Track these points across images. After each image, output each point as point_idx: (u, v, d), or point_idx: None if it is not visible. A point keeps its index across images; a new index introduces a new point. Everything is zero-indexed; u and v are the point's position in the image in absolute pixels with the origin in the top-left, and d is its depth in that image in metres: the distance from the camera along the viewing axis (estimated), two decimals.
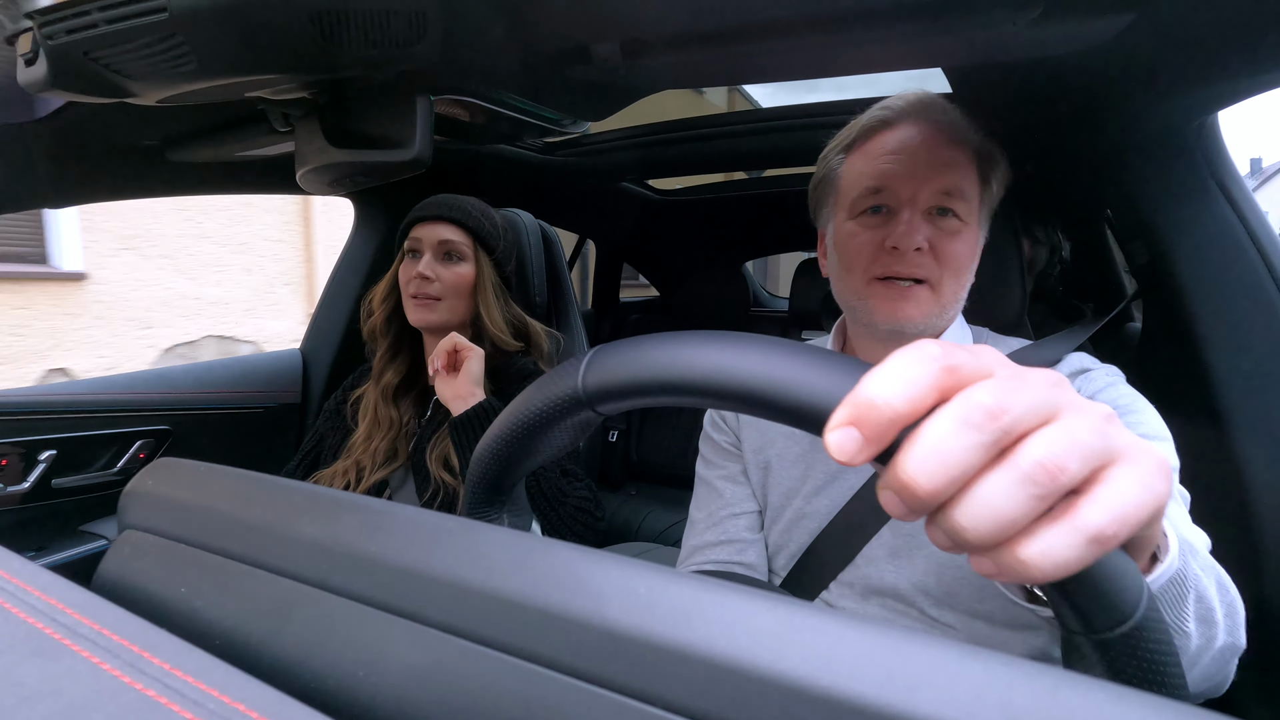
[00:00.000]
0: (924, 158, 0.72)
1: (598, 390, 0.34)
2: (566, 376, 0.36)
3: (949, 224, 0.72)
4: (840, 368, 0.28)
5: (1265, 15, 0.59)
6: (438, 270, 1.11)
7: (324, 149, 0.71)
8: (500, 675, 0.22)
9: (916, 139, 0.73)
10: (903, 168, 0.72)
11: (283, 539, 0.29)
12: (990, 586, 0.68)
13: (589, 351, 0.36)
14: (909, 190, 0.72)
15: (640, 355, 0.33)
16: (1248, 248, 0.89)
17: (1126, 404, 0.68)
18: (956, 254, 0.72)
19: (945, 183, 0.72)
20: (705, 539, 0.85)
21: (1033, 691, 0.17)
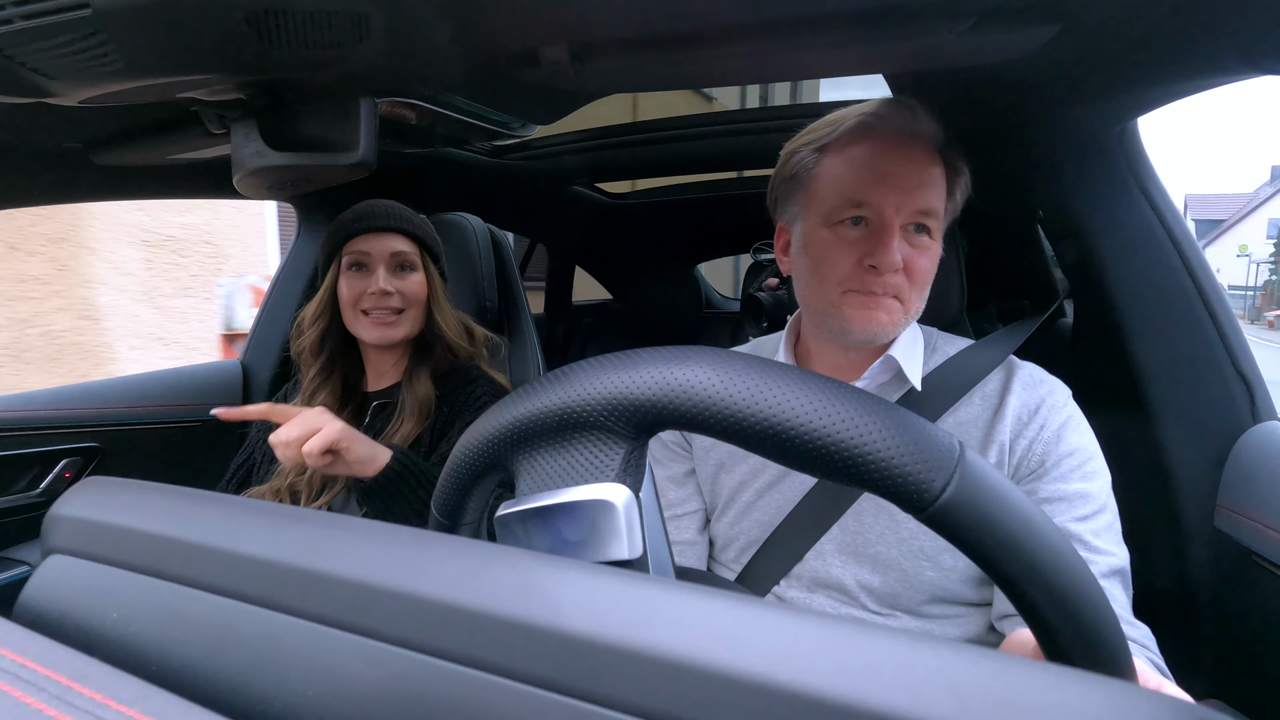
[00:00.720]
0: (908, 174, 0.71)
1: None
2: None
3: (922, 241, 0.73)
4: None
5: (1175, 32, 0.63)
6: (395, 283, 1.07)
7: (262, 152, 0.68)
8: (457, 687, 0.22)
9: (901, 153, 0.72)
10: (887, 184, 0.71)
11: (224, 557, 0.28)
12: (931, 588, 0.71)
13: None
14: (893, 208, 0.71)
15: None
16: (1166, 246, 0.94)
17: (1081, 447, 0.71)
18: (925, 270, 0.73)
19: (924, 202, 0.72)
20: None
21: (978, 675, 0.18)
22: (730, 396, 0.30)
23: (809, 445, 0.29)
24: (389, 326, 1.07)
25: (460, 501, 0.40)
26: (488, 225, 1.39)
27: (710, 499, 0.87)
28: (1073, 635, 0.29)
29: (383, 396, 1.12)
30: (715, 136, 1.59)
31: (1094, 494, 0.69)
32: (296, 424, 0.86)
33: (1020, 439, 0.72)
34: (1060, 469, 0.69)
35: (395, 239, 1.09)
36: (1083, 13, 0.63)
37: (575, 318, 2.51)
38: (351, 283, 1.07)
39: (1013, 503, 0.29)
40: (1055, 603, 0.29)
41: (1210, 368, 0.89)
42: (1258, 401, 0.87)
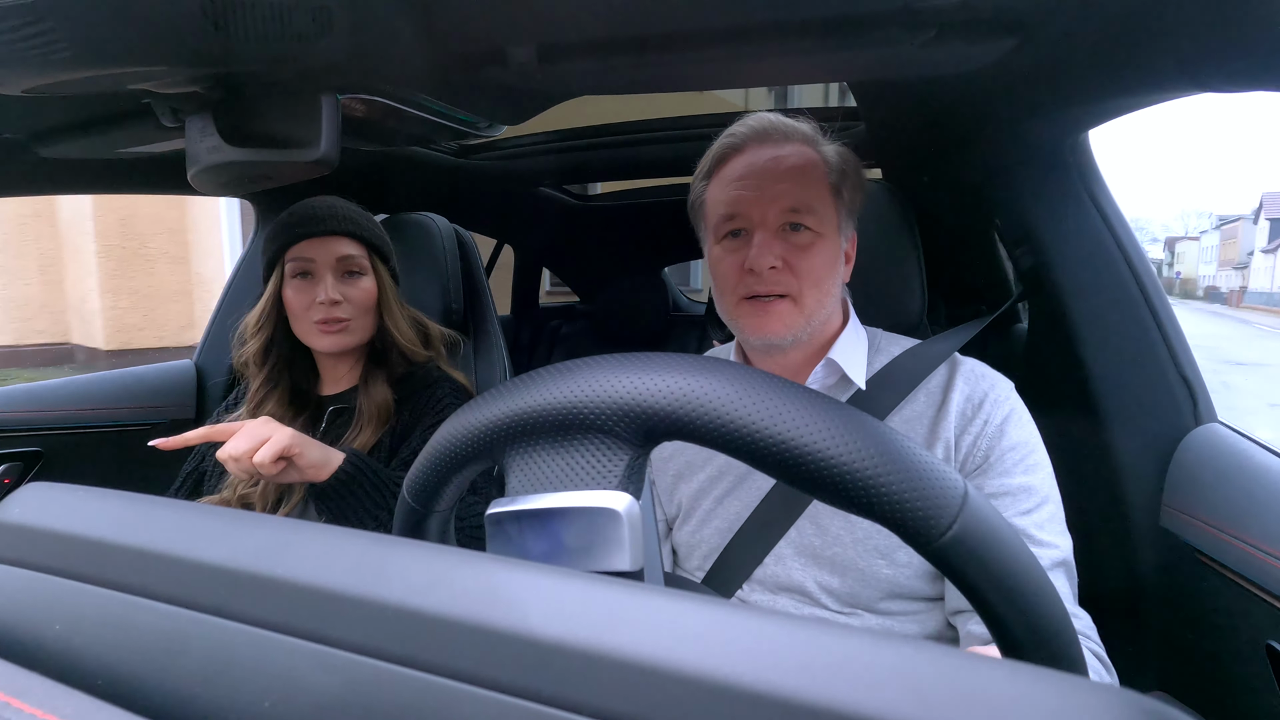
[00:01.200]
0: (769, 179, 0.76)
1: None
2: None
3: (801, 238, 0.76)
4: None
5: (1124, 48, 0.66)
6: (343, 290, 1.02)
7: (218, 147, 0.66)
8: (419, 695, 0.21)
9: (760, 162, 0.77)
10: (750, 191, 0.76)
11: (174, 564, 0.27)
12: (888, 585, 0.73)
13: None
14: (759, 213, 0.76)
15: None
16: (1115, 255, 0.98)
17: (1023, 441, 0.74)
18: (811, 267, 0.76)
19: (791, 200, 0.75)
20: None
21: (938, 672, 0.18)
22: (747, 414, 0.29)
23: (822, 472, 0.29)
24: (340, 334, 1.03)
25: (437, 488, 0.38)
26: (453, 225, 1.38)
27: (670, 509, 0.87)
28: (1034, 644, 0.31)
29: (339, 401, 1.08)
30: (685, 140, 1.60)
31: (1036, 486, 0.71)
32: (243, 437, 0.82)
33: (965, 435, 0.74)
34: (1004, 463, 0.72)
35: (341, 243, 1.03)
36: (1038, 27, 0.65)
37: (542, 319, 2.50)
38: (298, 291, 1.02)
39: (1011, 546, 0.30)
40: (1030, 632, 0.30)
41: (1155, 372, 0.93)
42: (1199, 404, 0.91)
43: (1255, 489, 0.74)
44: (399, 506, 0.41)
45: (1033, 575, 0.30)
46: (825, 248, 0.77)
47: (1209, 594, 0.77)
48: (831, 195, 0.78)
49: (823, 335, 0.81)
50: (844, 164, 0.79)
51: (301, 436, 0.86)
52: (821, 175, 0.78)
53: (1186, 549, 0.81)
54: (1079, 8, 0.62)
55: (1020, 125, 0.95)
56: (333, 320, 1.02)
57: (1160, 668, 0.90)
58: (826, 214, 0.77)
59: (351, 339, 1.05)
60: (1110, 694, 0.17)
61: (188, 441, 0.84)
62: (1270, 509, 0.70)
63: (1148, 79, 0.68)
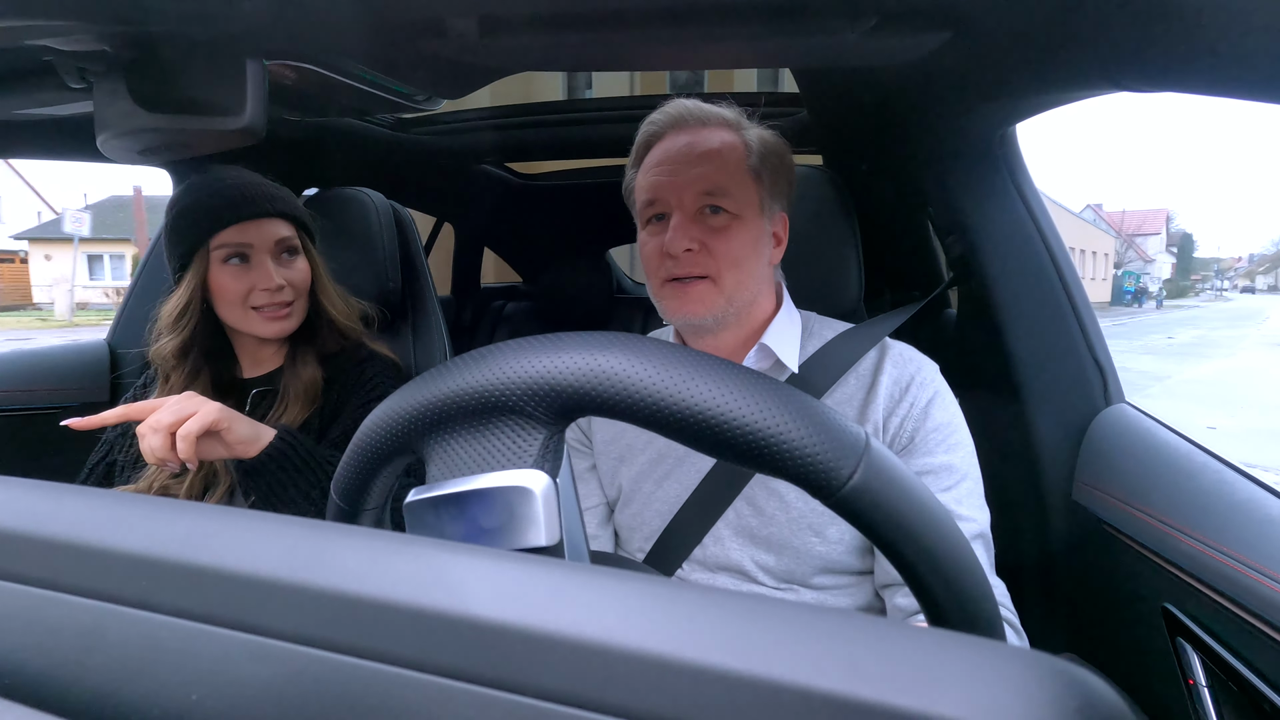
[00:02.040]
0: (685, 164, 0.78)
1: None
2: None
3: (718, 221, 0.77)
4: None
5: (1049, 47, 0.69)
6: (283, 273, 0.97)
7: (131, 112, 0.62)
8: (357, 682, 0.21)
9: (677, 147, 0.79)
10: (666, 176, 0.78)
11: (90, 556, 0.25)
12: (821, 561, 0.76)
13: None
14: (675, 197, 0.78)
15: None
16: (1038, 244, 1.03)
17: (946, 421, 0.77)
18: (729, 249, 0.77)
19: (706, 184, 0.77)
20: None
21: (868, 642, 0.19)
22: (653, 384, 0.30)
23: (726, 433, 0.29)
24: (286, 320, 0.98)
25: (363, 485, 0.38)
26: (390, 202, 1.33)
27: (612, 492, 0.88)
28: (956, 607, 0.32)
29: (263, 383, 1.03)
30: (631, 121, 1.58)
31: (957, 464, 0.75)
32: (167, 410, 0.77)
33: (893, 416, 0.77)
34: (928, 443, 0.75)
35: (277, 224, 0.98)
36: (970, 23, 0.67)
37: (484, 300, 2.45)
38: (234, 278, 0.95)
39: (914, 491, 0.31)
40: (943, 581, 0.31)
41: (1071, 355, 0.99)
42: (1109, 385, 0.97)
43: (1158, 465, 0.79)
44: (329, 507, 0.40)
45: (938, 520, 0.31)
46: (743, 229, 0.78)
47: (1114, 562, 0.83)
48: (751, 178, 0.79)
49: (755, 319, 0.83)
50: (764, 147, 0.81)
51: (230, 411, 0.82)
52: (739, 158, 0.79)
53: (1095, 521, 0.87)
54: (1008, 6, 0.65)
55: (952, 117, 0.99)
56: (278, 305, 0.97)
57: (1069, 631, 0.96)
58: (745, 196, 0.78)
59: (294, 323, 1.00)
60: (1026, 657, 0.18)
61: (105, 421, 0.78)
62: (1171, 484, 0.76)
63: (1070, 76, 0.72)
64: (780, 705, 0.18)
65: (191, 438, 0.76)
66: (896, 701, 0.17)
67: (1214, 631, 0.66)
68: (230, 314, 0.98)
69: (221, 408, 0.80)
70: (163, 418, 0.77)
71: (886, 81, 0.93)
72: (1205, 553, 0.66)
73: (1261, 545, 0.61)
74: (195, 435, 0.76)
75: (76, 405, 1.34)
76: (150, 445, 0.76)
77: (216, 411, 0.79)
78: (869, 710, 0.18)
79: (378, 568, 0.23)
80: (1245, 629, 0.61)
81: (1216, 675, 0.65)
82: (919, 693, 0.18)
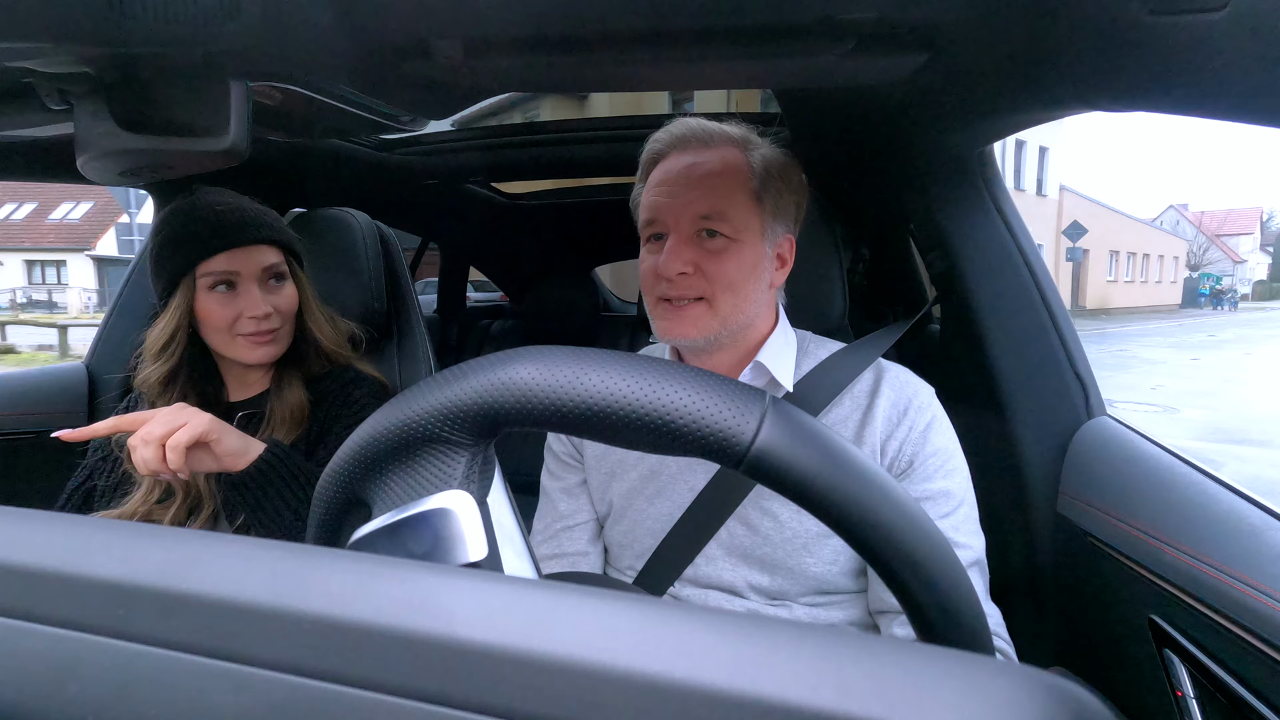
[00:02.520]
0: (684, 186, 0.77)
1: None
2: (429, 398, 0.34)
3: (715, 244, 0.77)
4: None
5: (1024, 68, 0.70)
6: (270, 300, 0.96)
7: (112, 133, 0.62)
8: (342, 710, 0.21)
9: (677, 168, 0.79)
10: (666, 197, 0.78)
11: (63, 584, 0.25)
12: (815, 581, 0.75)
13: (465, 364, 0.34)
14: (673, 218, 0.77)
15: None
16: (1018, 260, 1.05)
17: (944, 447, 0.77)
18: (724, 272, 0.76)
19: (704, 207, 0.76)
20: (540, 552, 0.87)
21: (858, 659, 0.19)
22: (548, 387, 0.31)
23: (627, 420, 0.30)
24: (271, 345, 0.97)
25: (333, 542, 0.39)
26: (375, 223, 1.33)
27: (602, 508, 0.87)
28: (899, 555, 0.31)
29: (249, 406, 1.02)
30: (614, 141, 1.60)
31: (954, 490, 0.75)
32: (158, 422, 0.77)
33: (891, 440, 0.77)
34: (926, 469, 0.75)
35: (264, 251, 0.97)
36: (947, 45, 0.69)
37: (470, 319, 2.45)
38: (221, 305, 0.94)
39: (826, 440, 0.31)
40: (877, 528, 0.30)
41: (1053, 369, 1.00)
42: (1091, 399, 0.98)
43: (1141, 477, 0.80)
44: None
45: (859, 466, 0.31)
46: (741, 253, 0.77)
47: (1100, 575, 0.83)
48: (753, 201, 0.78)
49: (751, 338, 0.82)
50: (769, 169, 0.80)
51: (220, 422, 0.81)
52: (741, 181, 0.78)
53: (1080, 534, 0.87)
54: (984, 29, 0.66)
55: (931, 137, 1.00)
56: (264, 333, 0.96)
57: (1057, 644, 0.96)
58: (744, 220, 0.77)
59: (280, 348, 0.99)
60: (1016, 672, 0.18)
61: (96, 433, 0.79)
62: (1154, 496, 0.77)
63: (1044, 96, 0.73)
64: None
65: (181, 448, 0.76)
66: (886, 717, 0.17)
67: (1200, 642, 0.66)
68: (216, 340, 0.97)
69: (212, 419, 0.80)
70: (154, 429, 0.77)
71: (867, 101, 0.95)
72: (1189, 564, 0.67)
73: (1245, 556, 0.62)
74: (185, 446, 0.76)
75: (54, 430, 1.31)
76: (142, 456, 0.76)
77: (207, 423, 0.79)
78: None
79: (363, 592, 0.23)
80: (1231, 639, 0.62)
81: (1204, 686, 0.65)
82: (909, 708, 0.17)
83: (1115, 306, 31.26)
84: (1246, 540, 0.63)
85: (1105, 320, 26.65)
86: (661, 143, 0.82)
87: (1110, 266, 32.03)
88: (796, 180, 0.83)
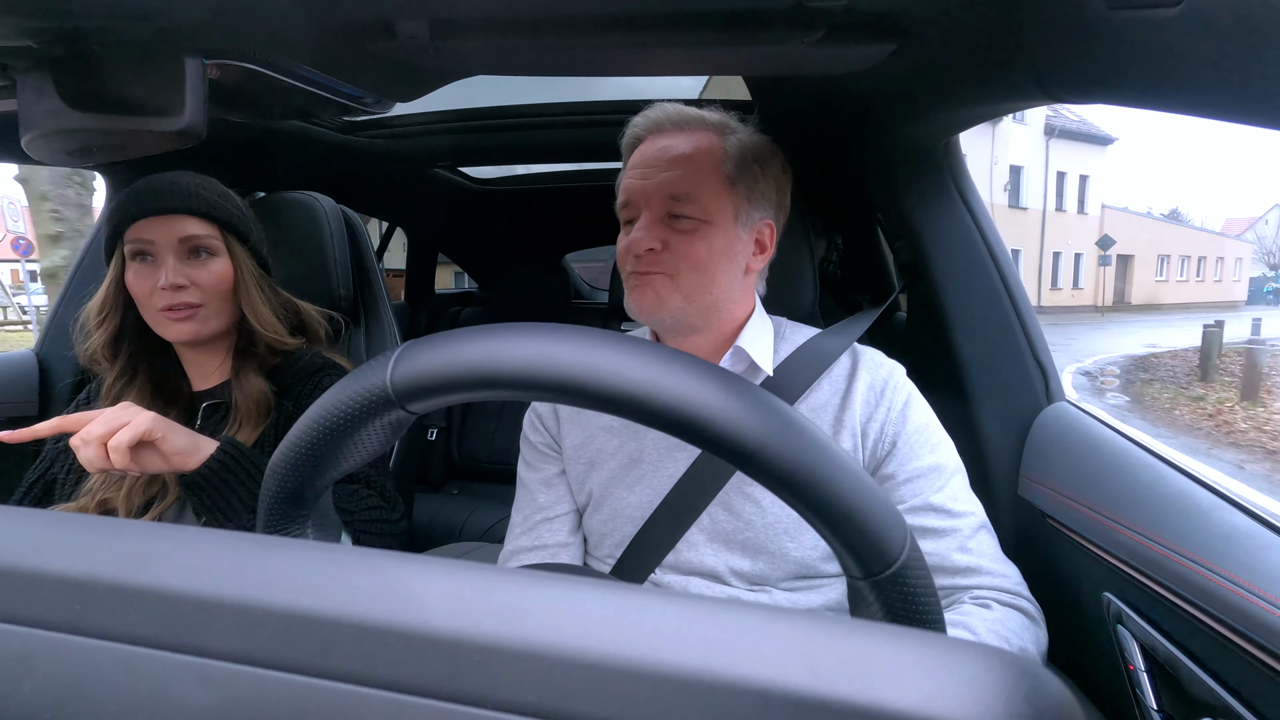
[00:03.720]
0: (655, 168, 0.79)
1: (409, 387, 0.33)
2: (373, 373, 0.34)
3: (684, 225, 0.78)
4: (639, 353, 0.30)
5: (989, 59, 0.71)
6: (189, 273, 0.92)
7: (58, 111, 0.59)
8: (309, 701, 0.20)
9: (651, 151, 0.80)
10: (640, 179, 0.80)
11: (15, 579, 0.24)
12: (796, 566, 0.76)
13: (397, 347, 0.34)
14: (644, 199, 0.79)
15: (454, 348, 0.32)
16: (981, 249, 1.07)
17: (925, 423, 0.79)
18: (691, 251, 0.78)
19: (672, 189, 0.78)
20: (520, 544, 0.87)
21: (825, 640, 0.19)
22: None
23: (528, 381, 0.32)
24: (189, 322, 0.93)
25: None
26: (340, 207, 1.30)
27: (581, 498, 0.87)
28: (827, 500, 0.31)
29: (213, 396, 0.99)
30: (588, 125, 1.58)
31: (944, 463, 0.76)
32: (99, 421, 0.75)
33: (871, 422, 0.78)
34: (911, 447, 0.76)
35: (184, 221, 0.93)
36: (915, 35, 0.69)
37: (439, 307, 2.41)
38: (139, 276, 0.92)
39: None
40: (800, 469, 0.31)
41: (1014, 356, 1.03)
42: (1050, 385, 1.01)
43: (1097, 461, 0.83)
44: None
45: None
46: (710, 235, 0.78)
47: (1057, 554, 0.86)
48: (725, 185, 0.79)
49: (727, 323, 0.83)
50: (745, 154, 0.80)
51: (165, 421, 0.79)
52: (713, 165, 0.79)
53: (1039, 515, 0.90)
54: (951, 19, 0.67)
55: (898, 126, 1.01)
56: (178, 306, 0.92)
57: None
58: (715, 203, 0.78)
59: (204, 327, 0.95)
60: (976, 649, 0.19)
61: (38, 434, 0.75)
62: (1109, 478, 0.79)
63: (1008, 87, 0.75)
64: (741, 705, 0.18)
65: (123, 448, 0.74)
66: (854, 696, 0.18)
67: (1151, 618, 0.69)
68: (144, 313, 0.95)
69: (155, 417, 0.77)
70: (94, 429, 0.74)
71: (835, 90, 0.95)
72: (1141, 543, 0.69)
73: (1194, 535, 0.65)
74: (126, 446, 0.74)
75: (3, 420, 1.26)
76: (86, 456, 0.74)
77: (149, 421, 0.76)
78: (827, 706, 0.18)
79: (328, 582, 0.22)
80: (1180, 615, 0.64)
81: (1154, 659, 0.68)
82: (875, 687, 0.18)
83: (1166, 302, 34.83)
84: (1196, 520, 0.66)
85: (1149, 313, 29.78)
86: (639, 127, 0.84)
87: (1160, 268, 35.62)
88: (776, 166, 0.84)
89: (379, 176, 1.81)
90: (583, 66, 0.81)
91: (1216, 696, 0.59)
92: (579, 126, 1.59)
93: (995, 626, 0.66)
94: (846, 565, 0.33)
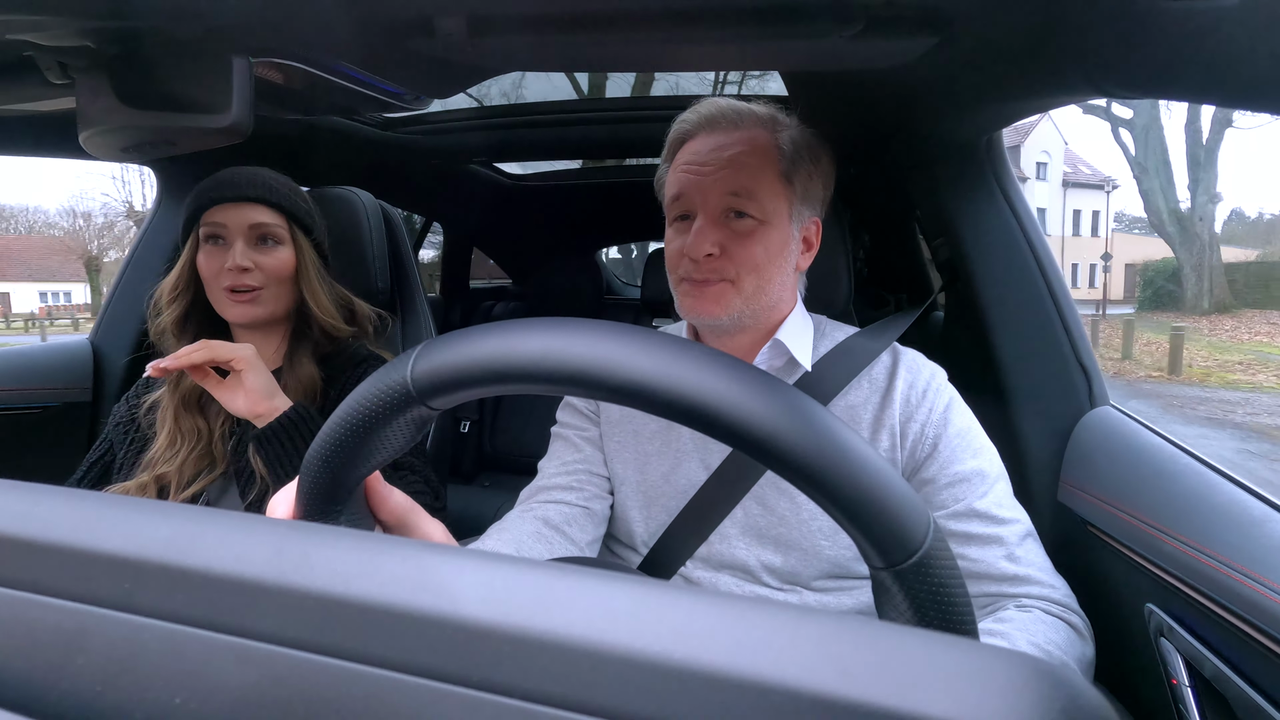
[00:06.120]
0: (713, 166, 0.77)
1: (429, 384, 0.34)
2: (395, 371, 0.35)
3: (743, 225, 0.76)
4: (645, 344, 0.31)
5: (1034, 53, 0.69)
6: (255, 258, 0.99)
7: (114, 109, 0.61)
8: (344, 685, 0.21)
9: (707, 149, 0.78)
10: (695, 176, 0.77)
11: (72, 558, 0.25)
12: (829, 565, 0.76)
13: (419, 345, 0.35)
14: (701, 198, 0.77)
15: (470, 345, 0.33)
16: (1024, 248, 1.04)
17: (967, 427, 0.77)
18: (750, 254, 0.76)
19: (732, 185, 0.76)
20: (555, 481, 0.85)
21: (857, 643, 0.19)
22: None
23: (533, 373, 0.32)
24: (250, 304, 1.00)
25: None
26: (379, 202, 1.32)
27: (618, 473, 0.87)
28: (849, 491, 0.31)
29: None
30: (622, 122, 1.58)
31: (986, 469, 0.74)
32: (220, 345, 0.87)
33: (911, 423, 0.76)
34: (953, 451, 0.74)
35: (255, 209, 1.00)
36: (958, 28, 0.68)
37: (473, 301, 2.44)
38: (209, 257, 0.99)
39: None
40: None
41: (1057, 358, 1.00)
42: (1094, 388, 0.98)
43: (1142, 467, 0.80)
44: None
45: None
46: (768, 235, 0.77)
47: (1098, 563, 0.84)
48: (781, 183, 0.77)
49: (771, 319, 0.82)
50: (799, 150, 0.79)
51: (259, 362, 0.89)
52: (770, 162, 0.77)
53: (1080, 522, 0.87)
54: (996, 11, 0.65)
55: (939, 121, 0.99)
56: (241, 288, 0.98)
57: None
58: (772, 202, 0.77)
59: (263, 310, 1.01)
60: (1012, 658, 0.19)
61: (189, 359, 0.85)
62: (1155, 486, 0.77)
63: (1055, 82, 0.72)
64: (769, 706, 0.18)
65: (215, 348, 0.85)
66: (885, 702, 0.17)
67: (1197, 632, 0.67)
68: (210, 294, 1.01)
69: (255, 355, 0.89)
70: (214, 344, 0.87)
71: (874, 85, 0.94)
72: (1188, 554, 0.67)
73: (1244, 547, 0.62)
74: (219, 350, 0.85)
75: (57, 405, 1.32)
76: (187, 347, 0.85)
77: (250, 353, 0.88)
78: (857, 710, 0.18)
79: (365, 569, 0.23)
80: (1228, 630, 0.62)
81: (1199, 675, 0.66)
82: (907, 693, 0.18)
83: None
84: (1248, 531, 0.63)
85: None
86: (689, 123, 0.81)
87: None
88: (826, 162, 0.83)
89: (416, 172, 1.84)
90: (619, 63, 0.81)
91: (1267, 716, 0.56)
92: (613, 123, 1.60)
93: (1037, 638, 0.64)
94: (867, 555, 0.32)
